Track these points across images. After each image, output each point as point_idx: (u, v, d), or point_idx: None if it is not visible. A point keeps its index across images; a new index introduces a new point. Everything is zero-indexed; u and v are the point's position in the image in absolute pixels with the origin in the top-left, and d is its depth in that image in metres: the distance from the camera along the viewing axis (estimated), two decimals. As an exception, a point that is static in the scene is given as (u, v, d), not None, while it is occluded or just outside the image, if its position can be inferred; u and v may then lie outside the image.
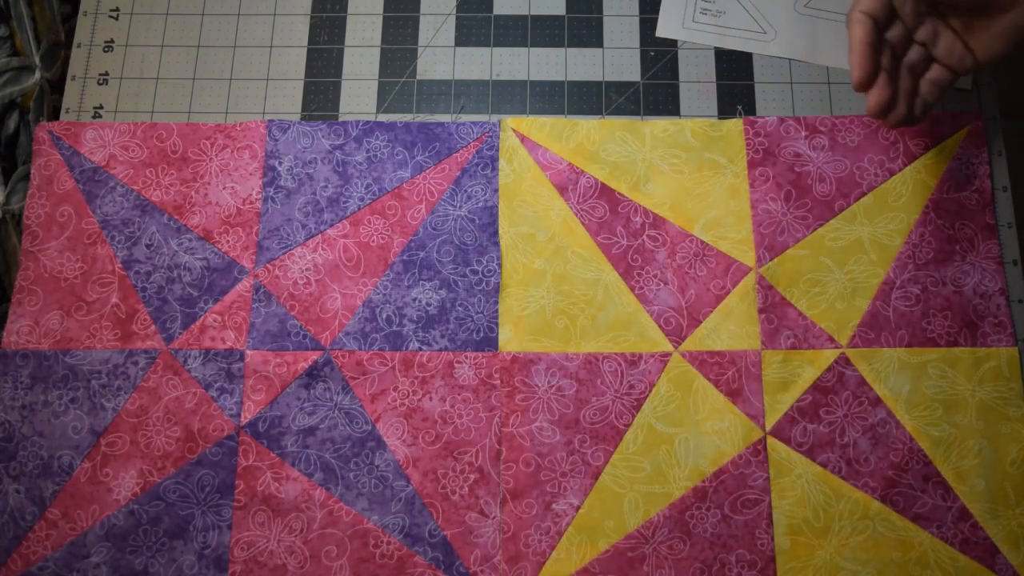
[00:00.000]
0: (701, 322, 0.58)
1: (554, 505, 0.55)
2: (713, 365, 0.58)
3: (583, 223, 0.60)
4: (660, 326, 0.58)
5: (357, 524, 0.55)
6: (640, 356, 0.58)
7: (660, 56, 0.66)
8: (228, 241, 0.60)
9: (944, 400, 0.57)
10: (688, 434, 0.56)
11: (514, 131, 0.62)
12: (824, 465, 0.56)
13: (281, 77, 0.65)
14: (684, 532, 0.55)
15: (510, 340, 0.58)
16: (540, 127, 0.62)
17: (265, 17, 0.67)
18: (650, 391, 0.57)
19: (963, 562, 0.55)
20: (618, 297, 0.59)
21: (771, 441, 0.56)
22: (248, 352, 0.58)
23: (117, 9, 0.67)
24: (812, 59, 0.66)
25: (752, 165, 0.61)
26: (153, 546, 0.55)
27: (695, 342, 0.58)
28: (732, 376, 0.57)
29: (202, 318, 0.59)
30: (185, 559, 0.55)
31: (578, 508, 0.55)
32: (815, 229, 0.60)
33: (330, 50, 0.66)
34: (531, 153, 0.61)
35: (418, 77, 0.65)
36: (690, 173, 0.61)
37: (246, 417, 0.57)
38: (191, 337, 0.58)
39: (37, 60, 0.65)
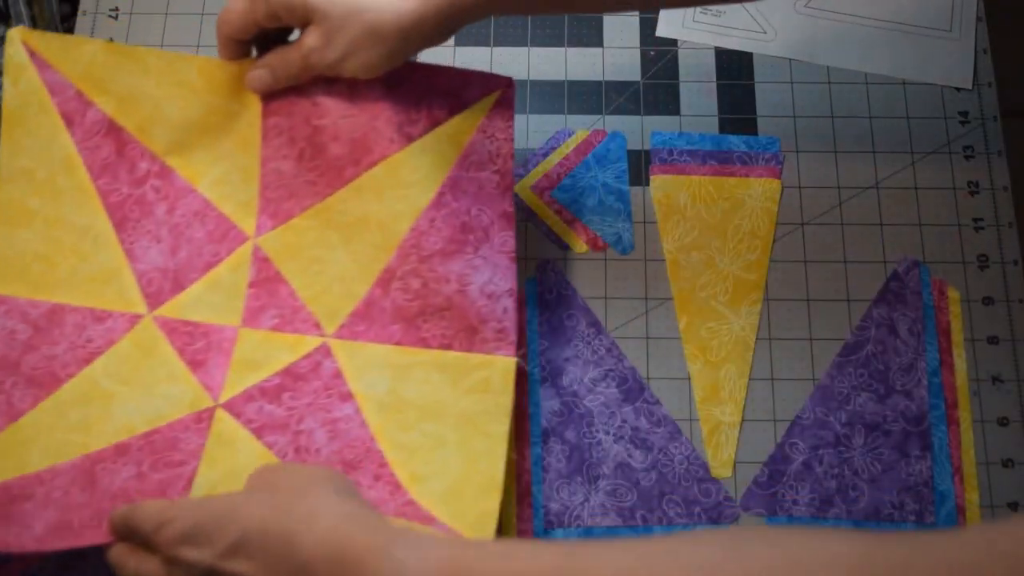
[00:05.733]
0: (185, 288, 0.54)
1: None
2: (184, 335, 0.53)
3: (85, 163, 0.53)
4: (141, 287, 0.53)
5: None
6: (110, 314, 0.53)
7: (660, 56, 0.66)
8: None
9: (423, 406, 0.52)
10: (133, 393, 0.52)
11: (24, 45, 0.53)
12: (270, 447, 0.51)
13: (281, 77, 0.65)
14: (88, 482, 0.49)
15: None
16: (49, 42, 0.53)
17: (265, 17, 0.67)
18: (108, 348, 0.53)
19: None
20: (106, 250, 0.53)
21: (220, 413, 0.52)
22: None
23: (117, 9, 0.67)
24: (812, 59, 0.66)
25: (267, 114, 0.54)
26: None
27: (172, 309, 0.53)
28: (200, 348, 0.53)
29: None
30: None
31: None
32: (325, 198, 0.54)
33: (330, 50, 0.66)
34: (40, 72, 0.53)
35: (418, 77, 0.65)
36: (197, 118, 0.54)
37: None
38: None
39: (36, 60, 0.65)
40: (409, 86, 0.54)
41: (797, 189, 0.63)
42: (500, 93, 0.56)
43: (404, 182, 0.54)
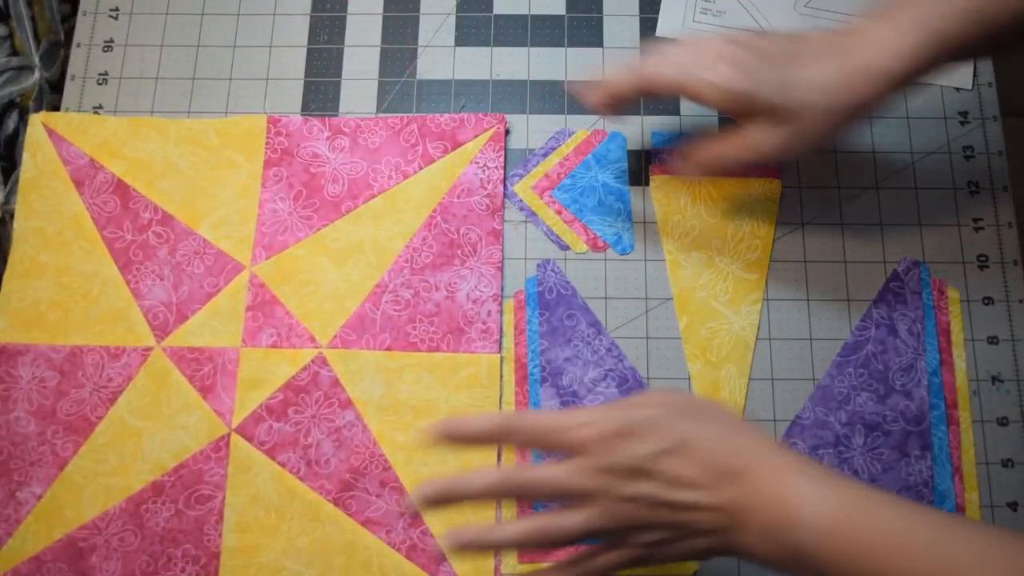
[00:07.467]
0: (188, 318, 0.58)
1: (18, 493, 0.55)
2: (191, 361, 0.57)
3: (92, 217, 0.60)
4: (148, 321, 0.58)
5: None
6: (124, 350, 0.57)
7: (660, 56, 0.66)
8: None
9: (416, 405, 0.57)
10: (157, 428, 0.56)
11: (44, 125, 0.62)
12: (284, 465, 0.55)
13: (281, 77, 0.65)
14: (137, 525, 0.55)
15: (3, 331, 0.58)
16: (68, 122, 0.62)
17: (265, 17, 0.67)
18: (127, 384, 0.57)
19: (407, 568, 0.54)
20: (113, 291, 0.59)
21: (235, 439, 0.56)
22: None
23: (117, 9, 0.67)
24: (812, 59, 0.66)
25: (268, 165, 0.61)
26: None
27: (178, 338, 0.58)
28: (208, 372, 0.57)
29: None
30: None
31: (40, 497, 0.55)
32: (319, 230, 0.60)
33: (330, 50, 0.66)
34: (56, 147, 0.61)
35: (418, 77, 0.65)
36: (206, 171, 0.61)
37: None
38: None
39: (36, 60, 0.65)
40: (407, 134, 0.61)
41: (797, 189, 0.63)
42: (494, 130, 0.62)
43: (400, 208, 0.60)
